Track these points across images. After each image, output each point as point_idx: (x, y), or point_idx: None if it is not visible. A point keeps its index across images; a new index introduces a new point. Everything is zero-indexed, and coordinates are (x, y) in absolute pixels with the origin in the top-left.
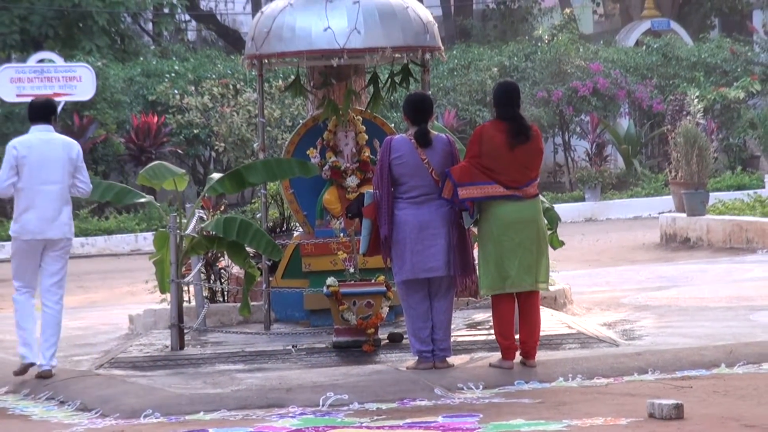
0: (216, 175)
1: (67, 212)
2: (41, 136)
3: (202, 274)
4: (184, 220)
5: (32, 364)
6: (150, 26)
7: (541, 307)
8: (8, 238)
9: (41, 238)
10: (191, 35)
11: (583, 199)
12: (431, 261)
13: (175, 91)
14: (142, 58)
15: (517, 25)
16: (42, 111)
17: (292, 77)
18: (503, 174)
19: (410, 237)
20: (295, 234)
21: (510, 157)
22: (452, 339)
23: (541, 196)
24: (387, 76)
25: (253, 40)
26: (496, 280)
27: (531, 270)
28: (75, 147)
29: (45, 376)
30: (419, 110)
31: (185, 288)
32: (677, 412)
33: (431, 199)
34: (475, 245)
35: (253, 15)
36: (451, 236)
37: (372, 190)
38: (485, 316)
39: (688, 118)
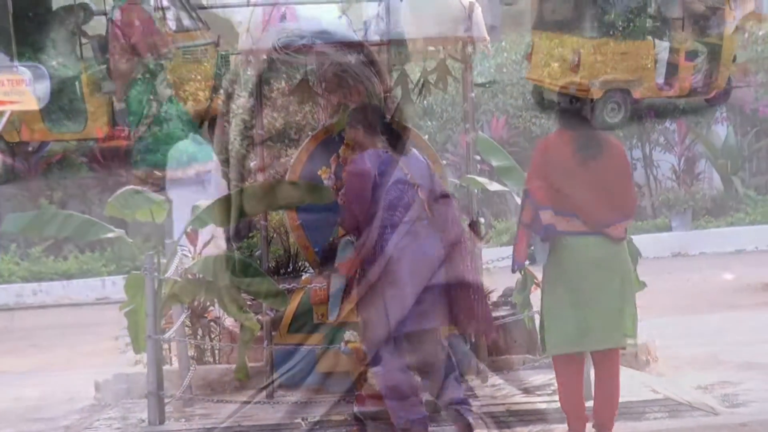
0: (203, 203)
1: None
2: None
3: (186, 329)
4: (164, 260)
5: None
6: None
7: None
8: None
9: None
10: (171, 26)
11: (669, 229)
12: (426, 307)
13: (150, 97)
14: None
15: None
16: None
17: (299, 78)
18: (578, 207)
19: (404, 278)
20: (304, 276)
21: (583, 181)
22: (504, 407)
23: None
24: (419, 75)
25: (249, 32)
26: (570, 336)
27: (616, 322)
28: None
29: None
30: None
31: (165, 346)
32: None
33: (422, 227)
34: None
35: (249, 1)
36: (448, 273)
37: (349, 237)
38: (546, 378)
39: None
